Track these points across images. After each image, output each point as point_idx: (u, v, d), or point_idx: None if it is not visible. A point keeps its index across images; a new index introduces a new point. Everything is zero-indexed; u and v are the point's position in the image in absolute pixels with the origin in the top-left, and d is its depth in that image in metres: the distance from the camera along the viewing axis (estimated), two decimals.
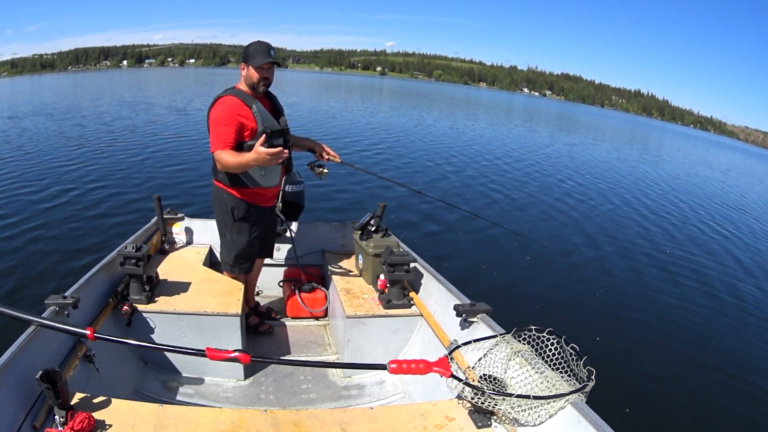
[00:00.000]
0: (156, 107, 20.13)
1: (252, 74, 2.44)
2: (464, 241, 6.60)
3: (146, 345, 2.10)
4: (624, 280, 6.03)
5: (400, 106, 34.84)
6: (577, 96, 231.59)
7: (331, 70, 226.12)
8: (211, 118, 2.41)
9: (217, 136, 2.36)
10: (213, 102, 2.46)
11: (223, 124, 2.36)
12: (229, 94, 2.44)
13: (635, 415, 3.41)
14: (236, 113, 2.38)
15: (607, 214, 9.33)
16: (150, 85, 40.49)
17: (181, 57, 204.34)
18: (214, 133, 2.38)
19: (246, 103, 2.42)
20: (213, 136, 2.39)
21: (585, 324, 4.70)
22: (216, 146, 2.37)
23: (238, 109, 2.39)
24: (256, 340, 2.92)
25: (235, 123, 2.38)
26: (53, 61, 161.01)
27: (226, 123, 2.36)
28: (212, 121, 2.40)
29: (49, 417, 1.53)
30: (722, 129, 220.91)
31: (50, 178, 7.85)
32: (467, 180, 10.66)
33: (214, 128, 2.39)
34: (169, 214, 3.29)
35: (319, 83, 68.77)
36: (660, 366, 4.18)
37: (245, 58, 2.46)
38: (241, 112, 2.39)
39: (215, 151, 2.37)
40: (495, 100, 79.22)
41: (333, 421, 1.68)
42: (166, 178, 8.34)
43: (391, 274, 2.70)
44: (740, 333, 5.10)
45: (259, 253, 2.89)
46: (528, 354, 1.83)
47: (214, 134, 2.38)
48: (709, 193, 14.84)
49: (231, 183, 2.53)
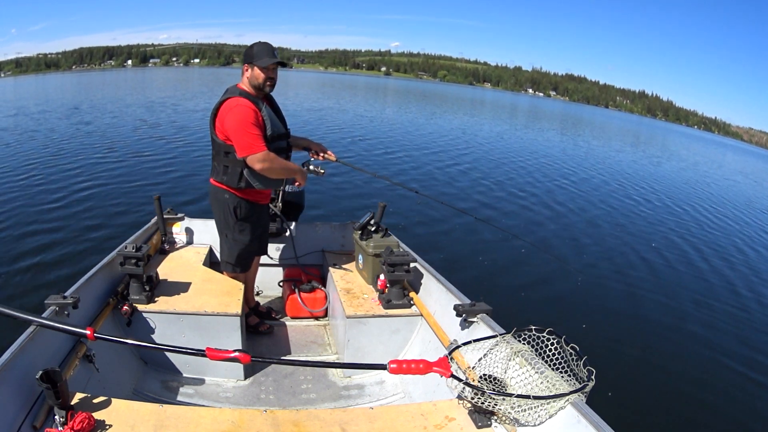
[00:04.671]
0: (157, 107, 20.13)
1: (258, 75, 2.44)
2: (464, 241, 6.60)
3: (146, 345, 2.10)
4: (624, 281, 6.03)
5: (406, 106, 34.91)
6: (582, 97, 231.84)
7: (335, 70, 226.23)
8: (233, 121, 2.35)
9: (253, 137, 2.34)
10: (221, 103, 2.42)
11: (253, 125, 2.35)
12: (239, 96, 2.41)
13: (635, 415, 3.41)
14: (258, 115, 2.39)
15: (606, 215, 9.33)
16: (153, 85, 40.44)
17: (186, 57, 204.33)
18: (246, 135, 2.33)
19: (256, 105, 2.42)
20: (246, 139, 2.33)
21: (585, 324, 4.69)
22: (254, 148, 2.33)
23: (257, 111, 2.39)
24: (256, 340, 2.91)
25: (259, 125, 2.38)
26: (58, 61, 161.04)
27: (255, 124, 2.36)
28: (237, 124, 2.34)
29: (49, 417, 1.53)
30: (726, 130, 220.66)
31: (50, 178, 7.85)
32: (468, 180, 10.66)
33: (243, 131, 2.33)
34: (169, 214, 3.29)
35: (322, 83, 68.79)
36: (660, 366, 4.18)
37: (249, 59, 2.43)
38: (258, 115, 2.40)
39: (256, 152, 2.33)
40: (499, 101, 79.17)
41: (333, 421, 1.68)
42: (166, 178, 8.34)
43: (391, 274, 2.70)
44: (743, 333, 5.10)
45: (256, 250, 2.90)
46: (528, 354, 1.83)
47: (247, 137, 2.33)
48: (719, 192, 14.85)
49: (234, 183, 2.50)
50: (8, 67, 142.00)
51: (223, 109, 2.40)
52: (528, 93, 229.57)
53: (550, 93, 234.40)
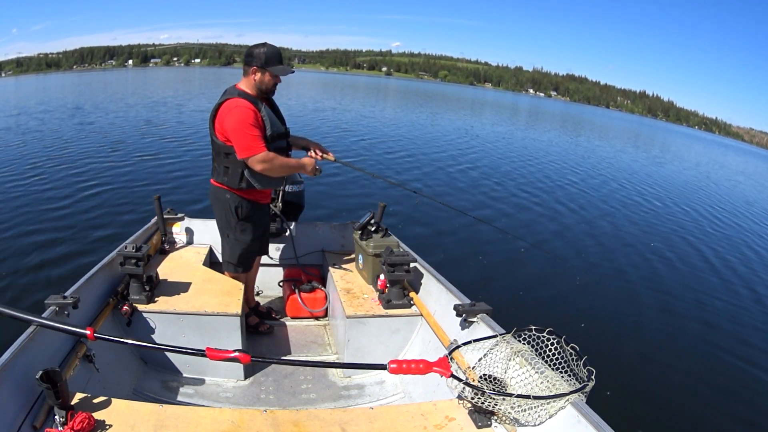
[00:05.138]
0: (158, 106, 20.13)
1: (268, 80, 2.48)
2: (464, 241, 6.60)
3: (146, 345, 2.10)
4: (624, 280, 6.03)
5: (406, 106, 34.93)
6: (583, 97, 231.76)
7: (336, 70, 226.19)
8: (233, 122, 2.36)
9: (252, 138, 2.36)
10: (220, 104, 2.43)
11: (252, 126, 2.37)
12: (238, 97, 2.42)
13: (635, 415, 3.41)
14: (258, 116, 2.41)
15: (606, 215, 9.33)
16: (156, 84, 40.40)
17: (187, 57, 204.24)
18: (246, 137, 2.35)
19: (256, 106, 2.43)
20: (245, 140, 2.35)
21: (585, 324, 4.69)
22: (254, 149, 2.35)
23: (256, 112, 2.41)
24: (256, 340, 2.92)
25: (259, 126, 2.40)
26: (58, 61, 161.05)
27: (254, 125, 2.38)
28: (236, 124, 2.35)
29: (49, 417, 1.53)
30: (727, 130, 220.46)
31: (50, 178, 7.85)
32: (468, 180, 10.66)
33: (242, 132, 2.35)
34: (169, 214, 3.29)
35: (324, 83, 68.71)
36: (660, 366, 4.18)
37: (261, 64, 2.43)
38: (258, 116, 2.42)
39: (256, 153, 2.35)
40: (500, 101, 79.12)
41: (333, 421, 1.68)
42: (167, 178, 8.34)
43: (391, 274, 2.70)
44: (743, 332, 5.10)
45: (258, 250, 2.90)
46: (528, 354, 1.83)
47: (247, 138, 2.35)
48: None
49: (235, 184, 2.51)
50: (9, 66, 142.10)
51: (222, 110, 2.41)
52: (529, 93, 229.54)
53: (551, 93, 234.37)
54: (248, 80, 2.48)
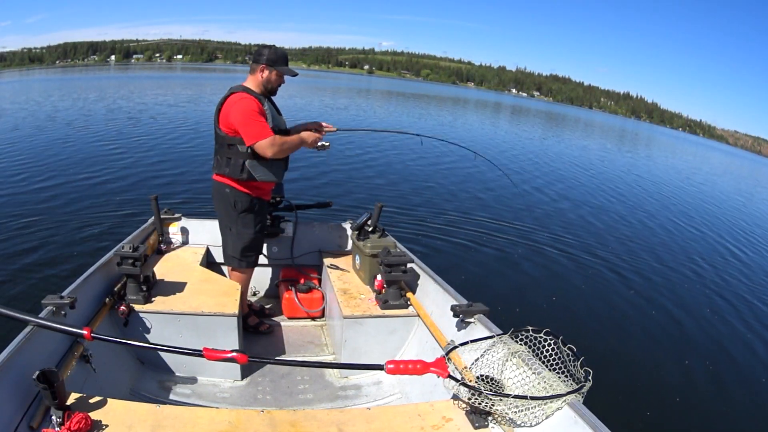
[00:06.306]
0: (151, 106, 20.05)
1: (274, 78, 2.60)
2: (461, 241, 6.61)
3: (143, 345, 2.09)
4: (622, 281, 6.05)
5: (397, 105, 34.91)
6: (566, 97, 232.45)
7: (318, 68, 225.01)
8: (240, 111, 2.45)
9: (260, 125, 2.46)
10: (226, 97, 2.52)
11: (258, 114, 2.47)
12: (243, 91, 2.53)
13: (632, 415, 3.43)
14: (262, 109, 2.51)
15: (605, 215, 9.36)
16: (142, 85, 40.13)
17: (169, 53, 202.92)
18: (253, 124, 2.44)
19: (260, 101, 2.53)
20: (253, 127, 2.44)
21: (582, 325, 4.71)
22: (262, 135, 2.44)
23: (260, 105, 2.51)
24: (253, 341, 2.91)
25: (264, 116, 2.51)
26: (42, 55, 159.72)
27: (260, 113, 2.48)
28: (243, 113, 2.45)
29: (45, 417, 1.52)
30: (711, 133, 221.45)
31: (46, 178, 7.81)
32: (466, 179, 10.67)
33: (249, 120, 2.45)
34: (166, 214, 3.28)
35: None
36: (657, 366, 4.20)
37: (270, 62, 2.55)
38: (262, 108, 2.52)
39: (264, 138, 2.44)
40: (483, 101, 78.99)
41: (330, 421, 1.68)
42: (163, 178, 8.31)
43: (388, 275, 2.70)
44: (742, 332, 5.14)
45: (260, 246, 2.92)
46: (525, 354, 1.83)
47: (254, 125, 2.44)
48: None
49: (236, 174, 2.56)
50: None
51: (228, 102, 2.51)
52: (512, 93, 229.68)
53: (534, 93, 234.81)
54: (254, 78, 2.58)
